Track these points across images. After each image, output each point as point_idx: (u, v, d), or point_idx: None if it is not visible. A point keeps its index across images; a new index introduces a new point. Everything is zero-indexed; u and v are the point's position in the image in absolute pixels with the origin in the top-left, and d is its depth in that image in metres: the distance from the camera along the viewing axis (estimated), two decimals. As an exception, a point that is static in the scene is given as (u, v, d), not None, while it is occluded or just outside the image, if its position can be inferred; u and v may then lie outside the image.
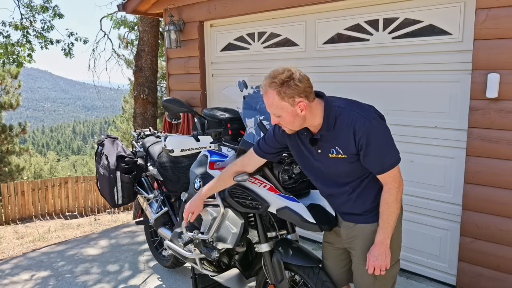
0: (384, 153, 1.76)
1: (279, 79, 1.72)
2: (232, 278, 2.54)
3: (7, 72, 14.54)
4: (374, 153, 1.76)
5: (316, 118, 1.81)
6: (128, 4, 4.95)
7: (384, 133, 1.77)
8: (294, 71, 1.74)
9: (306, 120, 1.82)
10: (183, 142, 2.30)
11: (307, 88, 1.75)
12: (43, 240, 6.84)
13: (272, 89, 1.73)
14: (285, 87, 1.71)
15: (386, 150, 1.77)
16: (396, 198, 1.82)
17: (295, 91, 1.71)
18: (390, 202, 1.82)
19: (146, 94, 6.23)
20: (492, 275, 2.83)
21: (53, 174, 24.36)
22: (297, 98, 1.73)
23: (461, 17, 2.85)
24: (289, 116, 1.77)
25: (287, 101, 1.73)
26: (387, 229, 1.85)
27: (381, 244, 1.86)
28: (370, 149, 1.75)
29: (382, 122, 1.80)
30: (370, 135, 1.74)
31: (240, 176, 2.08)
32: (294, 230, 2.36)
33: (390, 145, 1.78)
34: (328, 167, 1.89)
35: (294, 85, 1.71)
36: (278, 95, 1.73)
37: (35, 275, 3.58)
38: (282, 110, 1.76)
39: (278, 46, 3.98)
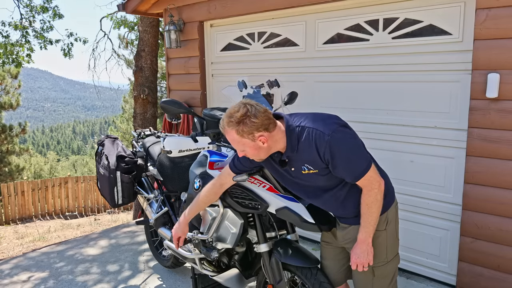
0: (352, 163, 1.77)
1: (235, 118, 1.75)
2: (232, 278, 2.54)
3: (7, 72, 14.54)
4: (341, 165, 1.77)
5: (279, 143, 1.84)
6: (128, 4, 4.95)
7: (347, 144, 1.76)
8: (249, 107, 1.76)
9: (271, 149, 1.84)
10: (181, 143, 2.31)
11: (265, 121, 1.76)
12: (43, 240, 6.84)
13: (231, 128, 1.78)
14: (242, 125, 1.75)
15: (353, 159, 1.77)
16: (375, 199, 1.82)
17: (252, 127, 1.74)
18: (370, 203, 1.83)
19: (146, 94, 6.23)
20: (492, 275, 2.83)
21: (53, 174, 24.36)
22: (256, 133, 1.76)
23: (461, 17, 2.85)
24: (253, 150, 1.81)
25: (247, 137, 1.77)
26: (369, 228, 1.86)
27: (362, 242, 1.88)
28: (336, 162, 1.76)
29: (344, 132, 1.79)
30: (332, 149, 1.74)
31: (239, 176, 2.08)
32: (294, 230, 2.36)
33: (356, 154, 1.77)
34: (306, 182, 1.92)
35: (251, 122, 1.74)
36: (237, 134, 1.77)
37: (35, 275, 3.58)
38: (244, 145, 1.80)
39: (278, 46, 3.97)
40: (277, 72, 3.94)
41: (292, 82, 3.85)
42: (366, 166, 1.78)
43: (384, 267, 1.96)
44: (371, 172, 1.80)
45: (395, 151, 3.28)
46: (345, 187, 1.90)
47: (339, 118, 1.86)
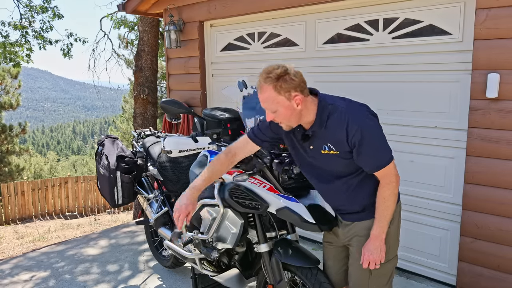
0: (378, 152, 1.77)
1: (274, 74, 1.72)
2: (232, 278, 2.54)
3: (7, 72, 14.55)
4: (367, 153, 1.76)
5: (310, 114, 1.82)
6: (128, 4, 4.95)
7: (377, 133, 1.77)
8: (288, 66, 1.74)
9: (302, 116, 1.82)
10: (181, 143, 2.31)
11: (302, 83, 1.75)
12: (43, 240, 6.84)
13: (268, 84, 1.73)
14: (281, 81, 1.71)
15: (380, 149, 1.77)
16: (393, 192, 1.82)
17: (291, 85, 1.72)
18: (387, 196, 1.82)
19: (146, 94, 6.23)
20: (492, 275, 2.83)
21: (53, 174, 24.36)
22: (293, 92, 1.73)
23: (461, 17, 2.85)
24: (285, 111, 1.77)
25: (283, 95, 1.73)
26: (383, 223, 1.84)
27: (376, 238, 1.86)
28: (363, 148, 1.75)
29: (375, 121, 1.80)
30: (363, 135, 1.73)
31: (240, 176, 2.08)
32: (294, 230, 2.36)
33: (383, 144, 1.78)
34: (320, 163, 1.90)
35: (290, 79, 1.71)
36: (274, 89, 1.72)
37: (35, 275, 3.58)
38: (278, 104, 1.75)
39: (278, 46, 3.97)
40: (277, 72, 3.93)
41: (292, 82, 3.85)
42: (389, 157, 1.79)
43: (383, 266, 1.94)
44: (392, 165, 1.80)
45: (395, 151, 3.28)
46: (359, 176, 1.87)
47: (369, 108, 1.86)
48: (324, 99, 1.83)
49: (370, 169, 1.81)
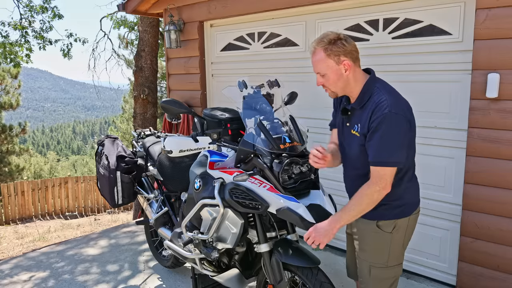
0: (383, 148, 1.75)
1: (327, 39, 1.80)
2: (232, 278, 2.54)
3: (7, 72, 14.54)
4: (374, 142, 1.76)
5: (356, 87, 1.86)
6: (128, 4, 4.95)
7: (393, 131, 1.74)
8: (342, 35, 1.81)
9: (349, 85, 1.86)
10: (181, 143, 2.31)
11: (353, 52, 1.81)
12: (43, 240, 6.84)
13: (320, 47, 1.81)
14: (331, 45, 1.79)
15: (387, 147, 1.75)
16: (371, 196, 1.79)
17: (341, 50, 1.78)
18: (364, 194, 1.80)
19: (146, 94, 6.23)
20: (492, 275, 2.83)
21: (53, 174, 24.35)
22: (342, 57, 1.79)
23: (461, 17, 2.85)
24: (333, 75, 1.82)
25: (333, 58, 1.79)
26: (345, 213, 1.83)
27: (330, 222, 1.85)
28: (373, 136, 1.76)
29: (400, 121, 1.74)
30: (380, 125, 1.73)
31: (240, 176, 2.08)
32: (294, 231, 2.36)
33: (392, 145, 1.75)
34: (347, 144, 1.93)
35: (341, 44, 1.79)
36: (325, 52, 1.80)
37: (35, 275, 3.58)
38: (327, 68, 1.81)
39: (278, 46, 3.97)
40: (277, 72, 3.94)
41: (292, 82, 3.85)
42: (391, 161, 1.75)
43: (382, 270, 1.94)
44: (387, 172, 1.77)
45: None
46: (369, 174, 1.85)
47: (410, 109, 1.82)
48: (374, 80, 1.85)
49: (370, 159, 1.80)
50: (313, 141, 3.80)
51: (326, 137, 3.72)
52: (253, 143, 2.17)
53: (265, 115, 2.33)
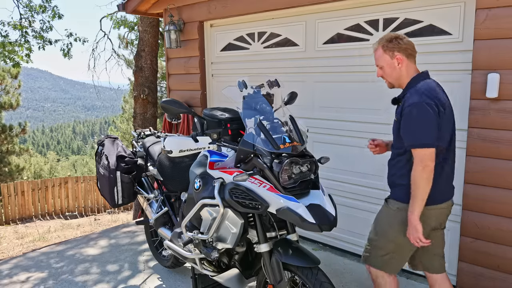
0: (413, 131, 2.01)
1: (387, 37, 2.15)
2: (232, 278, 2.54)
3: (7, 72, 14.54)
4: (405, 127, 2.04)
5: (406, 80, 2.15)
6: (128, 4, 4.95)
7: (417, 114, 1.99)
8: (402, 36, 2.14)
9: (401, 77, 2.15)
10: (181, 143, 2.30)
11: (408, 49, 2.12)
12: (43, 240, 6.85)
13: (379, 44, 2.16)
14: (388, 43, 2.12)
15: (416, 130, 1.99)
16: (419, 176, 1.98)
17: (395, 47, 2.11)
18: (413, 178, 2.01)
19: (146, 94, 6.23)
20: (492, 275, 2.83)
21: (53, 174, 24.34)
22: (396, 52, 2.11)
23: (461, 17, 2.85)
24: (388, 68, 2.16)
25: (388, 53, 2.13)
26: (413, 204, 2.02)
27: (409, 219, 2.05)
28: (403, 122, 2.04)
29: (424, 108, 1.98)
30: (407, 110, 2.02)
31: (240, 176, 2.08)
32: (294, 230, 2.36)
33: (420, 127, 1.99)
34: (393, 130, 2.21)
35: (397, 42, 2.11)
36: (382, 48, 2.14)
37: (35, 275, 3.58)
38: (384, 61, 2.15)
39: (278, 46, 3.97)
40: (277, 72, 3.94)
41: (292, 82, 3.85)
42: (423, 143, 1.98)
43: (372, 239, 2.26)
44: (424, 152, 1.98)
45: (395, 151, 3.28)
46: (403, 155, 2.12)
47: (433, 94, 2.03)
48: (421, 76, 2.13)
49: (406, 144, 2.05)
50: (313, 141, 3.80)
51: (326, 137, 3.72)
52: (253, 143, 2.17)
53: (265, 115, 2.33)
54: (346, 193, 3.65)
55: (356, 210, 3.60)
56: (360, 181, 3.54)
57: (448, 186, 2.17)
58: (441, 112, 2.02)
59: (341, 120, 3.57)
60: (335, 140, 3.65)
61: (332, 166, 3.71)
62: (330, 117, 3.67)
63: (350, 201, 3.64)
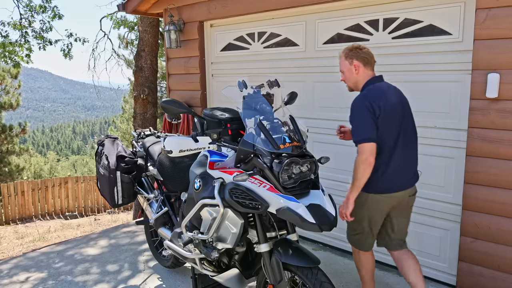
0: (355, 129, 2.31)
1: (349, 47, 2.46)
2: (232, 278, 2.54)
3: (7, 72, 14.54)
4: (351, 125, 2.36)
5: (362, 84, 2.44)
6: (128, 4, 4.95)
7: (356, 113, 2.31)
8: (362, 46, 2.45)
9: (358, 82, 2.46)
10: (181, 143, 2.30)
11: (366, 58, 2.42)
12: (43, 240, 6.85)
13: (343, 53, 2.48)
14: (349, 51, 2.44)
15: (356, 127, 2.30)
16: (357, 167, 2.29)
17: (354, 55, 2.42)
18: (354, 168, 2.31)
19: (146, 94, 6.23)
20: (492, 275, 2.83)
21: (53, 174, 24.34)
22: (355, 60, 2.42)
23: (461, 17, 2.85)
24: (348, 72, 2.47)
25: (348, 60, 2.45)
26: (351, 186, 2.35)
27: (347, 196, 2.38)
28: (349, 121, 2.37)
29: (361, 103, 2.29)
30: (350, 111, 2.35)
31: (240, 176, 2.08)
32: (294, 230, 2.36)
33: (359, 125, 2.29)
34: None
35: (356, 51, 2.43)
36: (344, 56, 2.47)
37: (35, 275, 3.58)
38: (345, 67, 2.47)
39: (278, 46, 3.97)
40: (277, 72, 3.94)
41: (292, 82, 3.85)
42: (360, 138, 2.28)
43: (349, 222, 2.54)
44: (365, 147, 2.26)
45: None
46: None
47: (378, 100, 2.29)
48: (374, 80, 2.43)
49: (353, 140, 2.33)
50: (313, 141, 3.80)
51: (326, 137, 3.72)
52: (253, 143, 2.17)
53: (265, 115, 2.33)
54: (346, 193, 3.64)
55: (356, 210, 3.60)
56: (360, 181, 3.54)
57: (402, 177, 2.41)
58: (377, 112, 2.27)
59: (341, 120, 3.57)
60: (335, 140, 3.65)
61: (332, 166, 3.71)
62: (330, 117, 3.67)
63: (350, 201, 3.64)
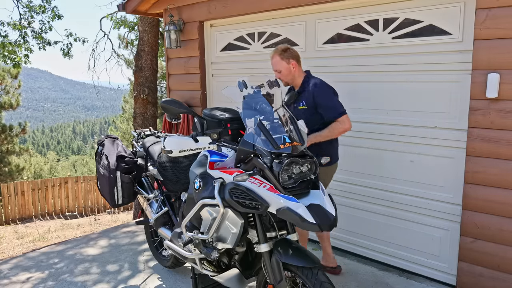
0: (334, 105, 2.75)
1: (281, 48, 2.86)
2: (232, 278, 2.54)
3: (7, 72, 14.54)
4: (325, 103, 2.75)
5: (299, 79, 2.91)
6: (128, 4, 4.95)
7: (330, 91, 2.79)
8: (291, 47, 2.89)
9: (295, 78, 2.89)
10: (181, 143, 2.30)
11: (298, 57, 2.90)
12: (43, 240, 6.85)
13: (276, 54, 2.86)
14: (285, 52, 2.84)
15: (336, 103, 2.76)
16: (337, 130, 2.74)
17: (290, 55, 2.84)
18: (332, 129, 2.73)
19: (146, 94, 6.23)
20: (492, 275, 2.83)
21: (53, 174, 24.34)
22: (291, 60, 2.85)
23: (461, 17, 2.85)
24: (286, 71, 2.87)
25: (285, 60, 2.84)
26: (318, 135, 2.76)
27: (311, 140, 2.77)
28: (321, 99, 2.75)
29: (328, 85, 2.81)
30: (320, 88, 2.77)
31: (240, 176, 2.08)
32: (294, 230, 2.36)
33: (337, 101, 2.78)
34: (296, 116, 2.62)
35: (290, 52, 2.86)
36: (280, 56, 2.84)
37: (35, 275, 3.58)
38: (282, 66, 2.85)
39: (278, 46, 3.97)
40: (277, 72, 3.94)
41: (292, 82, 3.85)
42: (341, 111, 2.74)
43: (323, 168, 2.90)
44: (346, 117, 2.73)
45: (395, 151, 3.28)
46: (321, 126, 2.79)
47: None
48: (310, 75, 2.93)
49: (332, 116, 2.73)
50: (313, 141, 3.80)
51: (326, 137, 3.72)
52: (253, 143, 2.17)
53: (265, 115, 2.33)
54: (346, 193, 3.65)
55: (356, 210, 3.61)
56: (360, 181, 3.54)
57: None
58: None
59: (341, 120, 3.58)
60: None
61: (332, 166, 3.71)
62: (330, 117, 3.66)
63: (350, 201, 3.64)
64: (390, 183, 3.35)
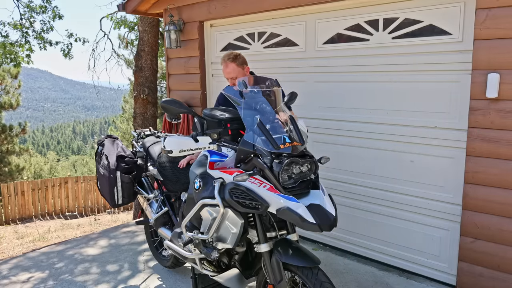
0: None
1: (233, 56, 3.00)
2: (232, 278, 2.54)
3: (7, 72, 14.54)
4: None
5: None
6: (128, 4, 4.95)
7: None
8: (239, 53, 3.05)
9: None
10: (181, 143, 2.30)
11: (247, 62, 3.08)
12: (43, 240, 6.85)
13: (230, 61, 3.00)
14: (237, 59, 3.00)
15: None
16: None
17: (244, 62, 3.04)
18: None
19: (146, 94, 6.23)
20: (492, 275, 2.83)
21: (53, 174, 24.33)
22: (245, 65, 3.05)
23: (461, 17, 2.85)
24: (241, 75, 2.99)
25: (240, 67, 3.02)
26: None
27: None
28: None
29: None
30: None
31: (240, 176, 2.08)
32: (294, 230, 2.36)
33: None
34: None
35: (241, 58, 3.03)
36: (235, 63, 2.99)
37: (35, 275, 3.58)
38: (238, 73, 3.00)
39: (278, 46, 3.97)
40: (277, 72, 3.94)
41: (292, 82, 3.85)
42: None
43: None
44: None
45: (395, 151, 3.28)
46: None
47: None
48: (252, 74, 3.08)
49: None
50: (313, 141, 3.81)
51: (326, 137, 3.72)
52: (253, 143, 2.17)
53: (265, 115, 2.33)
54: (346, 193, 3.65)
55: (356, 210, 3.61)
56: (360, 181, 3.54)
57: None
58: None
59: (341, 120, 3.58)
60: (335, 140, 3.65)
61: (332, 166, 3.71)
62: (330, 117, 3.67)
63: (350, 201, 3.64)
64: (390, 183, 3.35)
